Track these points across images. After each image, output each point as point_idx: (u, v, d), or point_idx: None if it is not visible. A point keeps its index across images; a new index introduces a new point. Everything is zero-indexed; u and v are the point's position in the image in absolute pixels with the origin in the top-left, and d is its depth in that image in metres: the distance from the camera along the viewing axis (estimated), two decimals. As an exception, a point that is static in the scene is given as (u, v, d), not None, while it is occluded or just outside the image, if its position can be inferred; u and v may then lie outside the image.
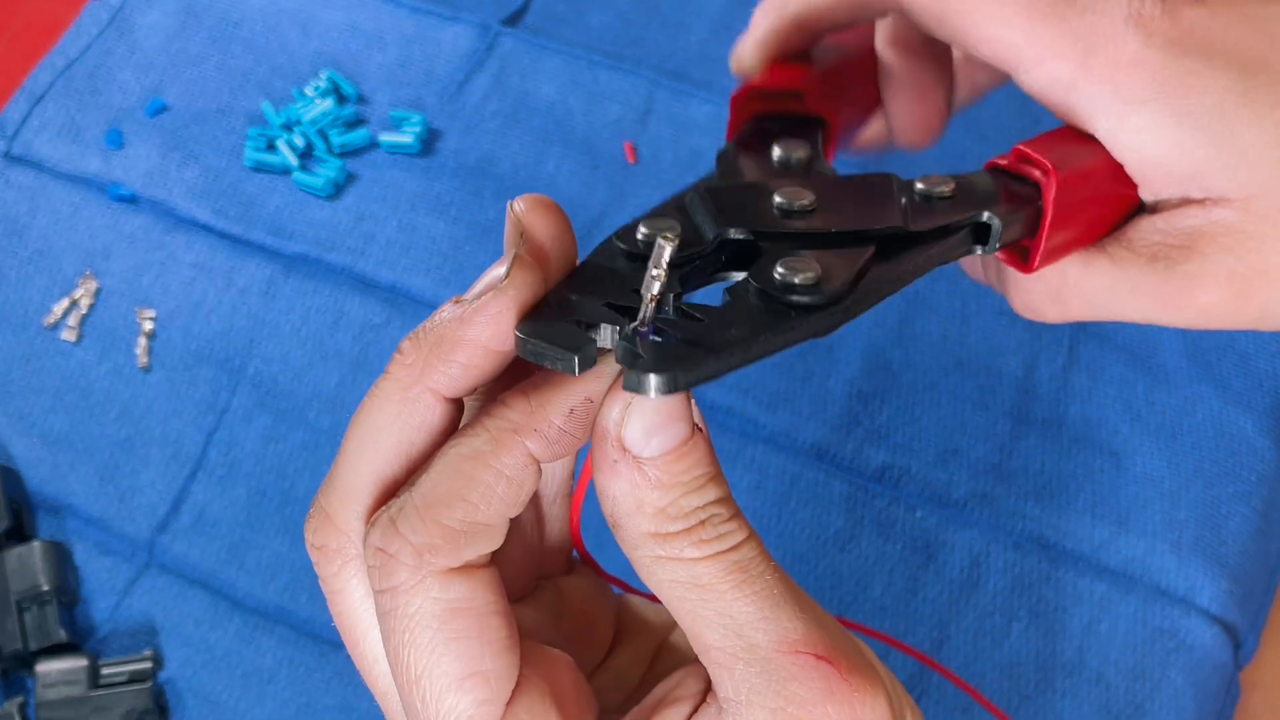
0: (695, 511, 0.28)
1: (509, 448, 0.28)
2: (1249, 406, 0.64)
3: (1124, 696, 0.58)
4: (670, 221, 0.31)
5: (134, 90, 0.73)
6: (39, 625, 0.58)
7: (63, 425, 0.65)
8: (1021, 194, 0.35)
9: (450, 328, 0.28)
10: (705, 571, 0.28)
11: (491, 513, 0.28)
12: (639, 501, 0.28)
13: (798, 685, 0.27)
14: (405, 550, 0.28)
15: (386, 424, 0.29)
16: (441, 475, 0.28)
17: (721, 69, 0.74)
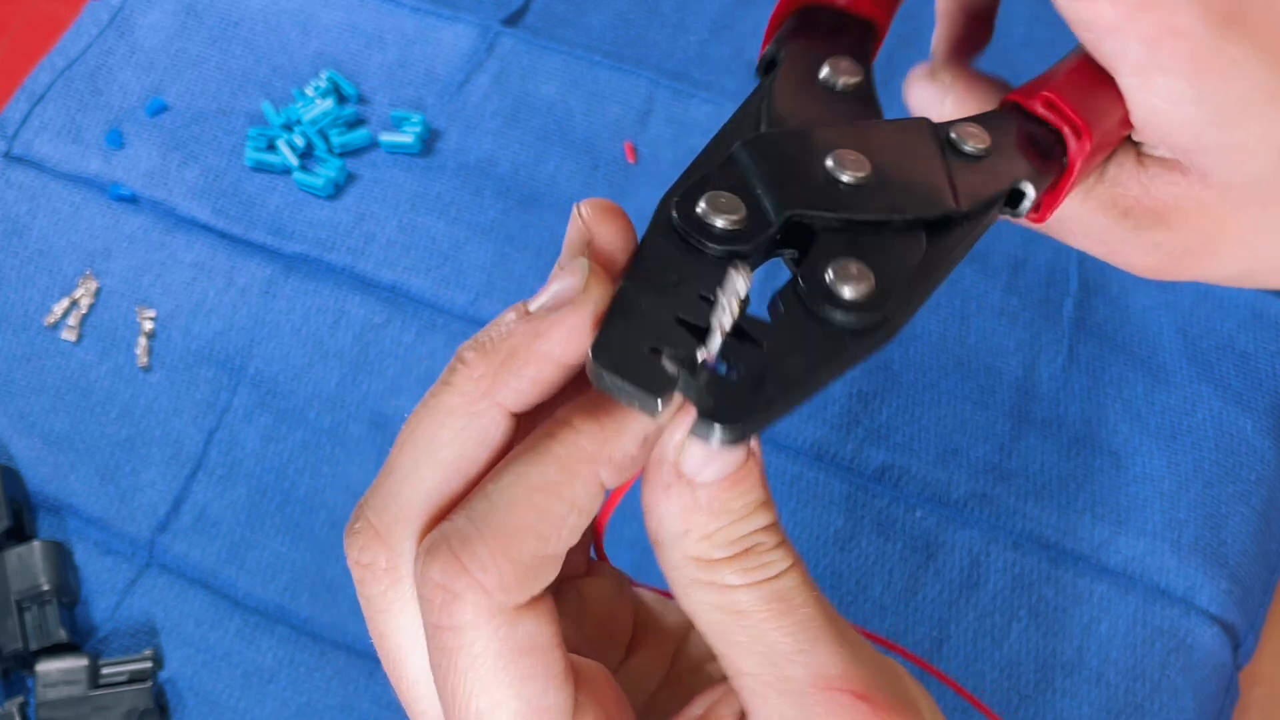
0: (741, 540, 0.27)
1: (582, 478, 0.27)
2: (1249, 406, 0.64)
3: (1124, 696, 0.58)
4: (735, 207, 0.29)
5: (134, 90, 0.73)
6: (39, 625, 0.58)
7: (63, 425, 0.65)
8: (1041, 141, 0.35)
9: (524, 340, 0.27)
10: (744, 599, 0.27)
11: (560, 546, 0.27)
12: (687, 526, 0.27)
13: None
14: (472, 589, 0.26)
15: (448, 439, 0.28)
16: (512, 508, 0.27)
17: (722, 69, 0.75)
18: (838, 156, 0.31)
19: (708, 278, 0.28)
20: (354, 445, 0.64)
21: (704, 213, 0.29)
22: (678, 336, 0.27)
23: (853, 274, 0.29)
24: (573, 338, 0.27)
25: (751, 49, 0.75)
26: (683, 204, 0.30)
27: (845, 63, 0.35)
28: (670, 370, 0.26)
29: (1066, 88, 0.35)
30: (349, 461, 0.64)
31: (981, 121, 0.34)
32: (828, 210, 0.30)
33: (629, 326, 0.27)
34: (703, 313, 0.27)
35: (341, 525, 0.62)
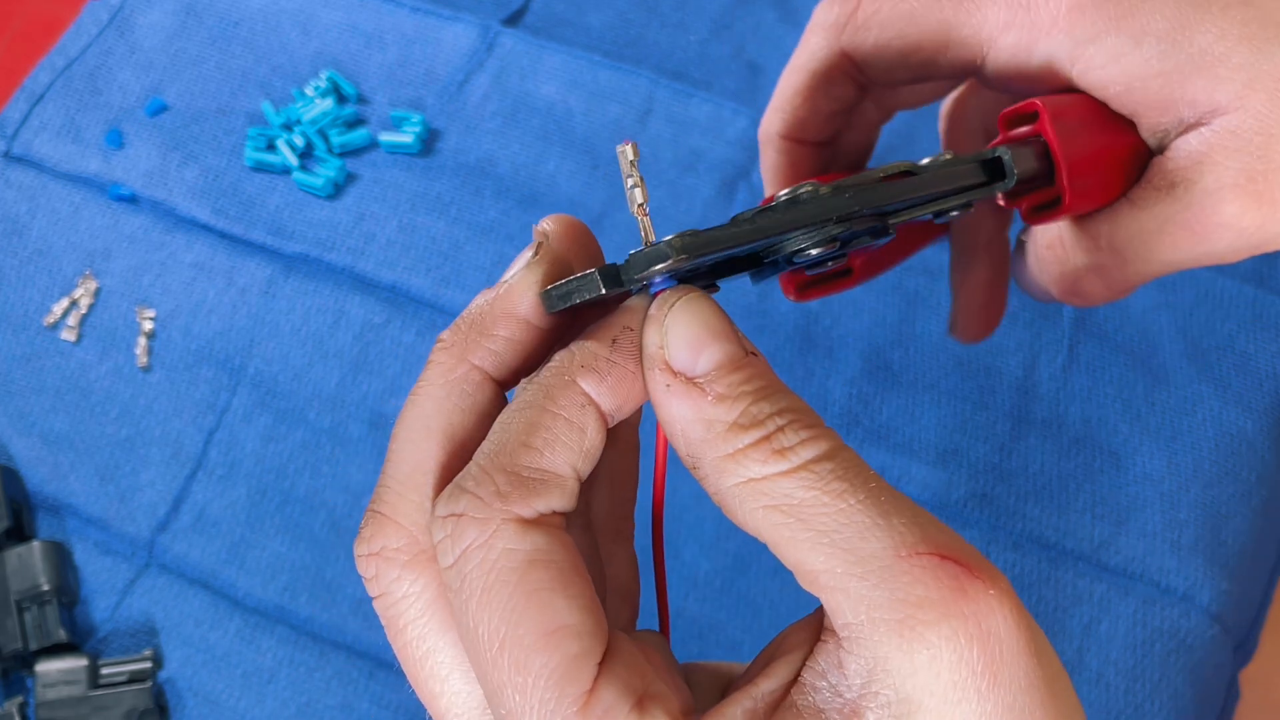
0: (770, 418, 0.26)
1: (562, 389, 0.27)
2: (1249, 406, 0.64)
3: (1124, 696, 0.58)
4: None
5: (134, 90, 0.73)
6: (39, 625, 0.58)
7: (63, 425, 0.65)
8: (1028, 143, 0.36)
9: (486, 305, 0.29)
10: (793, 489, 0.26)
11: (558, 460, 0.27)
12: (707, 422, 0.26)
13: (924, 588, 0.25)
14: (473, 504, 0.26)
15: (435, 409, 0.29)
16: (500, 429, 0.27)
17: (722, 69, 0.74)
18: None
19: None
20: (354, 445, 0.64)
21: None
22: None
23: None
24: (529, 289, 0.29)
25: (752, 49, 0.75)
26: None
27: None
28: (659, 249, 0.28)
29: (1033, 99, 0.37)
30: (349, 461, 0.64)
31: None
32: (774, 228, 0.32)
33: None
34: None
35: (342, 525, 0.62)
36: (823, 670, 0.26)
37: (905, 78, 0.41)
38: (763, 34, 0.75)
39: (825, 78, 0.42)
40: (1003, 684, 0.24)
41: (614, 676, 0.26)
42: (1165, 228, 0.36)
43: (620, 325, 0.28)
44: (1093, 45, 0.35)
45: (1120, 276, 0.38)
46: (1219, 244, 0.36)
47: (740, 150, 0.71)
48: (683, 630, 0.60)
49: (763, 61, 0.74)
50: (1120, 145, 0.37)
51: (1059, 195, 0.36)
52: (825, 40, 0.41)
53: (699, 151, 0.71)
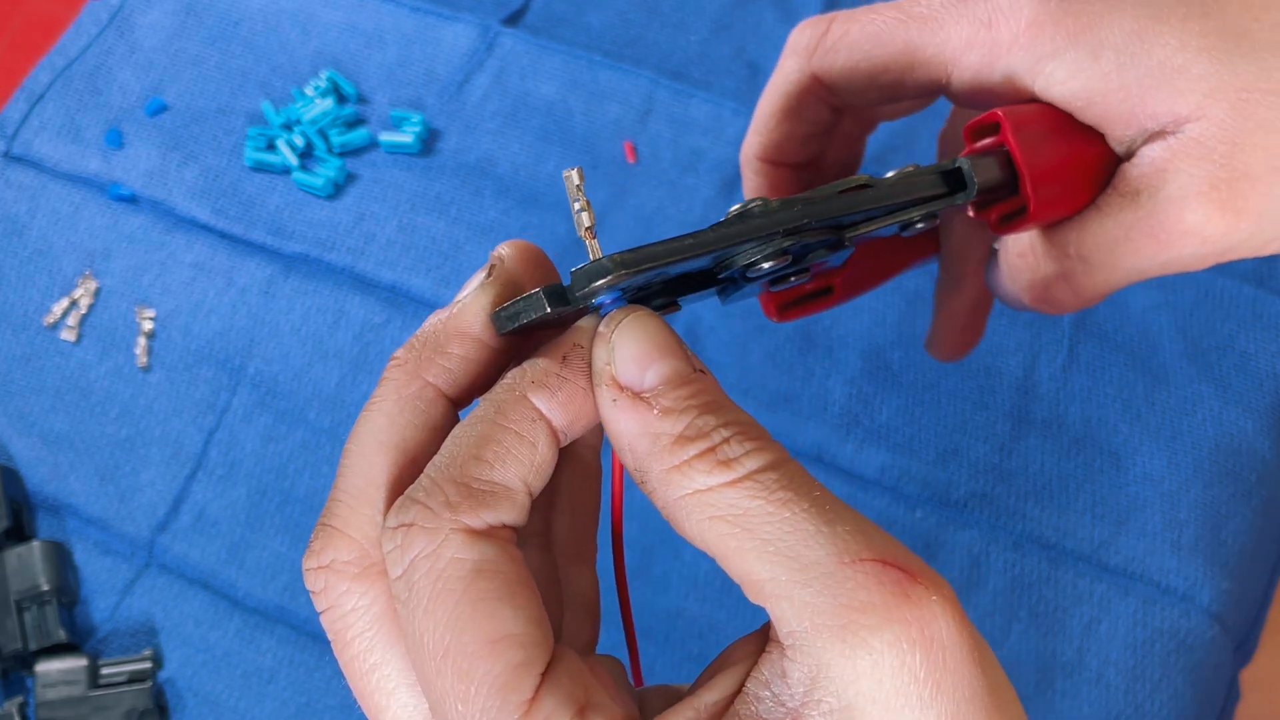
0: (715, 430, 0.27)
1: (514, 403, 0.28)
2: (1249, 406, 0.64)
3: (1124, 697, 0.58)
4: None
5: (134, 90, 0.73)
6: (39, 625, 0.58)
7: (63, 425, 0.65)
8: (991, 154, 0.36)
9: (439, 323, 0.29)
10: (737, 498, 0.26)
11: (508, 473, 0.27)
12: (653, 435, 0.27)
13: (866, 594, 0.25)
14: (423, 514, 0.27)
15: (387, 424, 0.29)
16: (451, 442, 0.28)
17: (722, 69, 0.74)
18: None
19: None
20: (354, 445, 0.64)
21: None
22: None
23: None
24: (481, 307, 0.29)
25: (752, 49, 0.75)
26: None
27: None
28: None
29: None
30: (349, 461, 0.63)
31: None
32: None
33: None
34: None
35: (341, 525, 0.62)
36: (766, 680, 0.26)
37: (875, 98, 0.41)
38: (763, 34, 0.75)
39: (798, 101, 0.42)
40: (945, 692, 0.24)
41: (556, 686, 0.26)
42: (1130, 235, 0.36)
43: (570, 342, 0.29)
44: (1053, 61, 0.36)
45: (1088, 284, 0.38)
46: (1183, 251, 0.36)
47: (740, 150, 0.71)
48: (683, 630, 0.60)
49: (763, 61, 0.74)
50: (1087, 154, 0.37)
51: (1024, 204, 0.36)
52: (797, 64, 0.42)
53: (699, 151, 0.71)
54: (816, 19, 0.41)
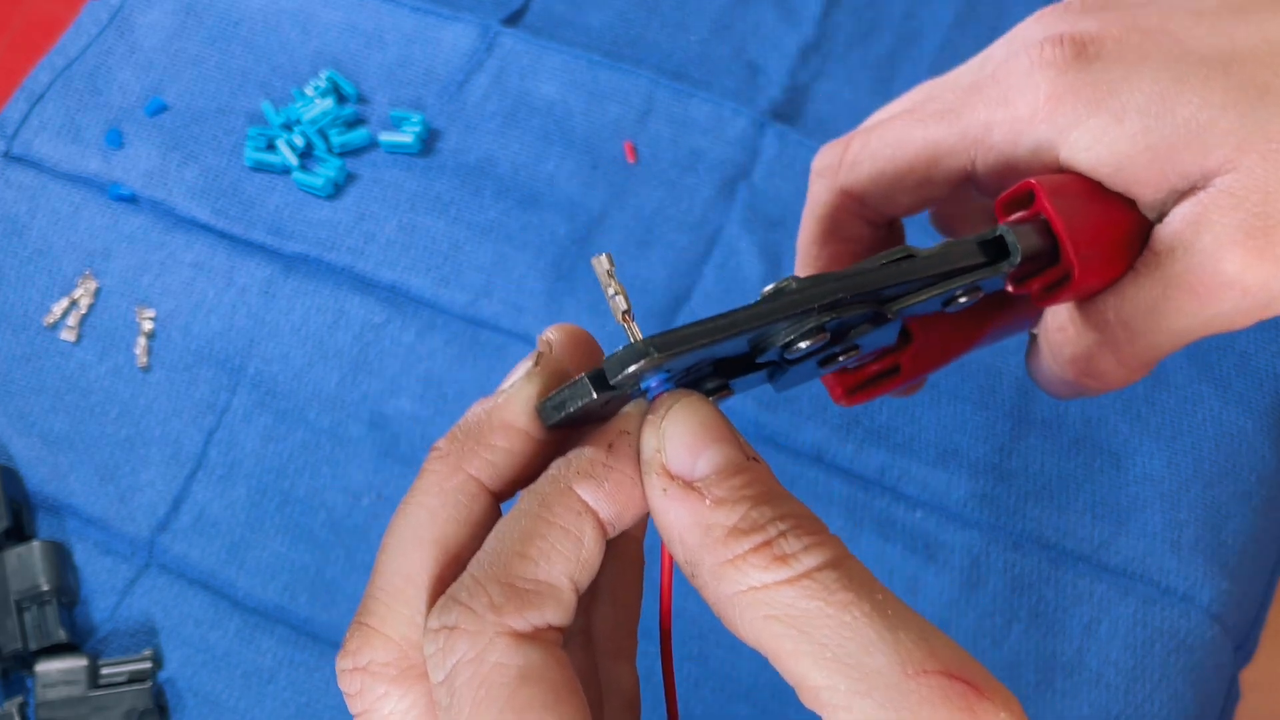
0: (771, 523, 0.25)
1: (559, 496, 0.27)
2: (1249, 406, 0.64)
3: (1124, 697, 0.58)
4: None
5: (134, 90, 0.73)
6: (39, 625, 0.58)
7: (63, 425, 0.65)
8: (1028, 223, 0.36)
9: (483, 415, 0.28)
10: (794, 599, 0.25)
11: (554, 571, 0.26)
12: (705, 527, 0.26)
13: (930, 709, 0.23)
14: (466, 616, 0.26)
15: (428, 519, 0.28)
16: (495, 538, 0.27)
17: (722, 69, 0.74)
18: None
19: None
20: (354, 445, 0.64)
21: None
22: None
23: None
24: (527, 400, 0.28)
25: (752, 49, 0.75)
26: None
27: None
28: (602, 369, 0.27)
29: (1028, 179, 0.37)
30: (349, 461, 0.63)
31: None
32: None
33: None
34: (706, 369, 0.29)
35: (342, 525, 0.62)
36: None
37: (907, 202, 0.41)
38: (763, 34, 0.75)
39: (834, 221, 0.42)
40: None
41: None
42: (1169, 293, 0.36)
43: (617, 430, 0.28)
44: (1076, 129, 0.35)
45: (1132, 352, 0.37)
46: (1224, 304, 0.35)
47: (740, 150, 0.71)
48: (682, 631, 0.60)
49: (763, 61, 0.74)
50: (1121, 219, 0.36)
51: (1068, 270, 0.35)
52: (825, 185, 0.41)
53: (699, 151, 0.71)
54: (835, 142, 0.41)
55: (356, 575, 0.61)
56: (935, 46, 0.75)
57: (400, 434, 0.64)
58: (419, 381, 0.65)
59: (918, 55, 0.75)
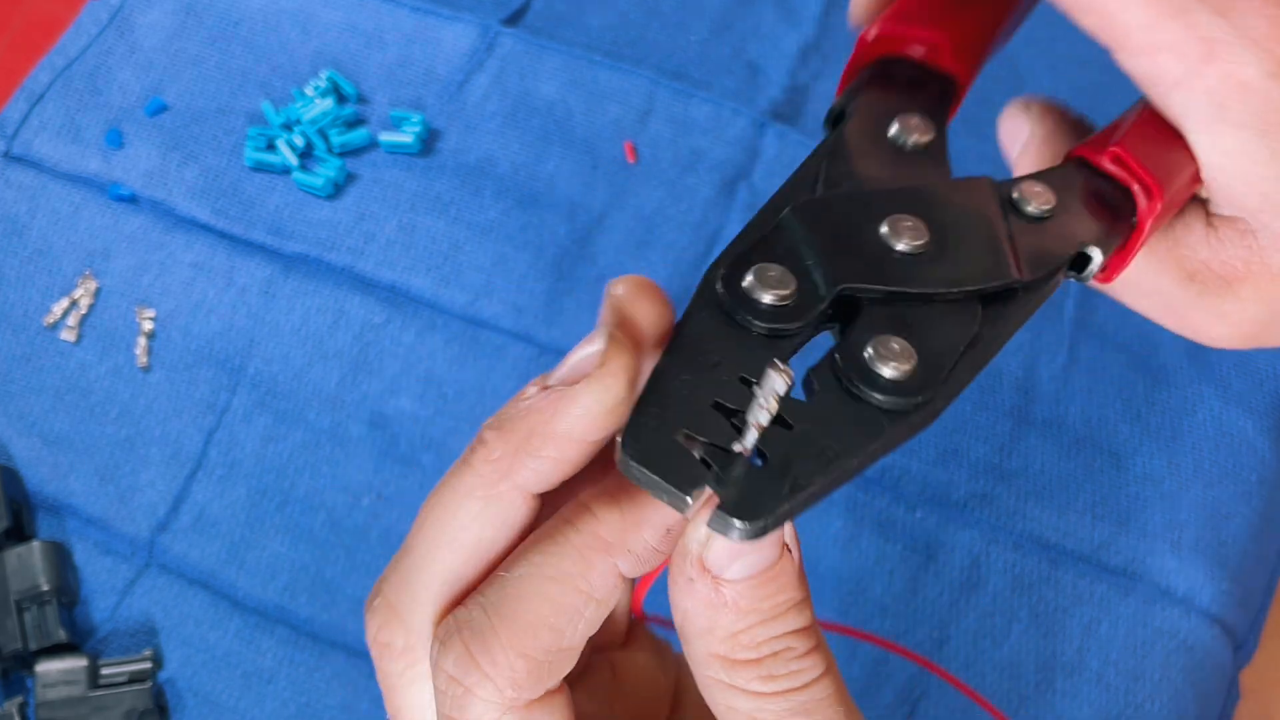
0: (770, 642, 0.26)
1: (599, 570, 0.26)
2: (1249, 406, 0.64)
3: (1124, 697, 0.58)
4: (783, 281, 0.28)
5: (134, 90, 0.73)
6: (39, 625, 0.58)
7: (63, 425, 0.65)
8: (1109, 199, 0.33)
9: (540, 420, 0.26)
10: (769, 707, 0.26)
11: (577, 638, 0.26)
12: (712, 623, 0.26)
13: None
14: (483, 685, 0.26)
15: (466, 522, 0.27)
16: (525, 601, 0.26)
17: (722, 69, 0.74)
18: (893, 223, 0.30)
19: (750, 358, 0.26)
20: (354, 445, 0.64)
21: (750, 286, 0.28)
22: (713, 425, 0.25)
23: (894, 352, 0.27)
24: (590, 415, 0.26)
25: (752, 49, 0.75)
26: (729, 277, 0.28)
27: (916, 120, 0.33)
28: (701, 464, 0.25)
29: (1135, 142, 0.33)
30: (349, 461, 0.64)
31: (1046, 179, 0.33)
32: (879, 284, 0.29)
33: (663, 412, 0.25)
34: (742, 396, 0.26)
35: (342, 525, 0.62)
36: None
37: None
38: (763, 34, 0.75)
39: None
40: None
41: None
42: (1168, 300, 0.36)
43: (681, 517, 0.26)
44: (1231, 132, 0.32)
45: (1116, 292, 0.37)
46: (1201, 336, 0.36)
47: (740, 150, 0.71)
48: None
49: (763, 61, 0.74)
50: (1186, 199, 0.35)
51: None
52: None
53: (699, 151, 0.71)
54: None
55: (356, 575, 0.61)
56: (935, 46, 0.75)
57: (400, 434, 0.64)
58: (419, 381, 0.65)
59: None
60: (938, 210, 0.30)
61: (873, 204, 0.30)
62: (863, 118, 0.33)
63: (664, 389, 0.26)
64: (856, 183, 0.31)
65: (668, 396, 0.26)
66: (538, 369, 0.65)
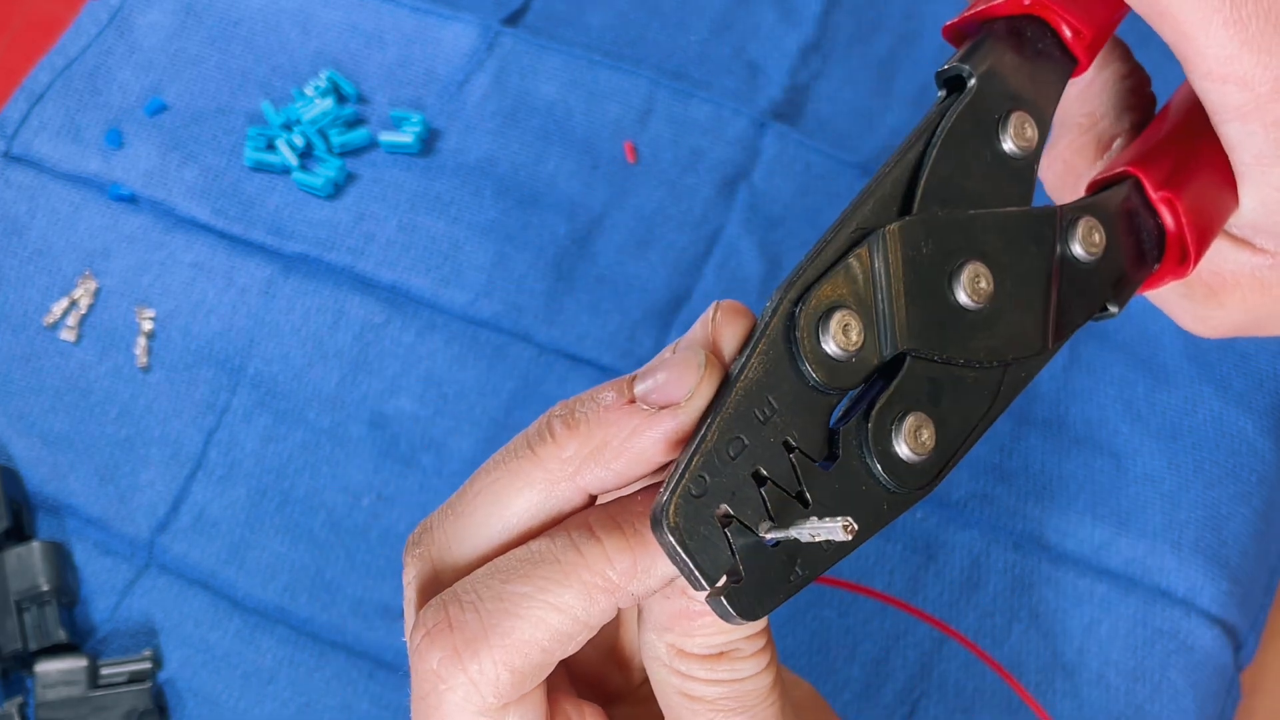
0: (721, 645, 0.28)
1: (598, 605, 0.27)
2: (1249, 406, 0.64)
3: (1124, 697, 0.58)
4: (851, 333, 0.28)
5: (134, 90, 0.73)
6: (39, 625, 0.58)
7: (63, 425, 0.65)
8: (1147, 227, 0.34)
9: (618, 435, 0.27)
10: (705, 691, 0.28)
11: (564, 653, 0.27)
12: (675, 624, 0.28)
13: None
14: (465, 688, 0.27)
15: (523, 507, 0.28)
16: (523, 621, 0.27)
17: (722, 68, 0.74)
18: (969, 273, 0.30)
19: (800, 417, 0.27)
20: (354, 445, 0.64)
21: (824, 336, 0.28)
22: (748, 501, 0.26)
23: (918, 436, 0.28)
24: (669, 441, 0.27)
25: (752, 49, 0.75)
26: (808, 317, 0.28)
27: (1029, 124, 0.33)
28: (728, 553, 0.26)
29: (1189, 187, 0.34)
30: (349, 461, 0.63)
31: (1101, 213, 0.33)
32: (936, 350, 0.29)
33: (706, 481, 0.26)
34: (784, 469, 0.27)
35: (342, 525, 0.62)
36: None
37: None
38: (763, 34, 0.75)
39: None
40: None
41: None
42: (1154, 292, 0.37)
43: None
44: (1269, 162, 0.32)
45: None
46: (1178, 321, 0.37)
47: (740, 150, 0.71)
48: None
49: (763, 61, 0.74)
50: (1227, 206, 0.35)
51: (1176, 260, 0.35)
52: None
53: (699, 151, 0.71)
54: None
55: (356, 575, 0.61)
56: (935, 46, 0.75)
57: (400, 434, 0.64)
58: (419, 381, 0.65)
59: (918, 55, 0.75)
60: (1009, 253, 0.31)
61: (954, 242, 0.30)
62: (977, 103, 0.32)
63: (713, 452, 0.26)
64: (950, 194, 0.31)
65: (714, 463, 0.26)
66: (538, 369, 0.65)
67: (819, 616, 0.60)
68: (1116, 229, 0.33)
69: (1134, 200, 0.34)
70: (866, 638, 0.60)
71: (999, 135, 0.32)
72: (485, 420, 0.64)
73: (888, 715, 0.58)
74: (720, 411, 0.27)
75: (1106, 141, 0.38)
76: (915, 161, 0.31)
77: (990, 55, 0.33)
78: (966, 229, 0.30)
